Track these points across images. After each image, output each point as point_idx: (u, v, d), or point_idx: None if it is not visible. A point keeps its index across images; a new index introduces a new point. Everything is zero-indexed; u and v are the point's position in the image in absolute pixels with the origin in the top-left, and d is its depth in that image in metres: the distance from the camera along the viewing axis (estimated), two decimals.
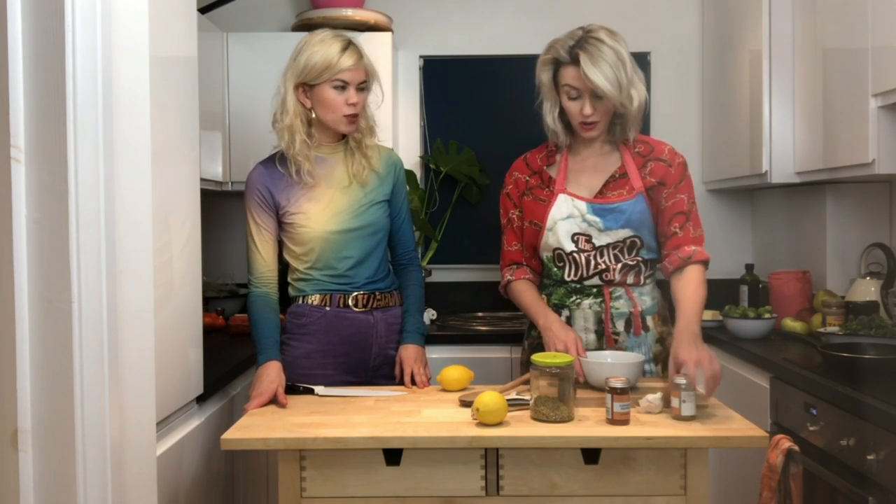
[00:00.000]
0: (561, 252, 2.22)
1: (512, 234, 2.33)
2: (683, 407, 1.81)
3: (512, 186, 2.34)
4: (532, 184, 2.30)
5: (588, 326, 2.21)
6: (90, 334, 1.43)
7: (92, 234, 1.44)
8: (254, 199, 2.22)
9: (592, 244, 2.19)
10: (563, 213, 2.21)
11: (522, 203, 2.30)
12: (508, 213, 2.34)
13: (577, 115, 2.20)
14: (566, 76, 2.21)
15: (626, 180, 2.22)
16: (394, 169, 2.32)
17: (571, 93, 2.19)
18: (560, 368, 1.80)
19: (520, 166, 2.36)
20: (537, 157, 2.35)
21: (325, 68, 2.12)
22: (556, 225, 2.21)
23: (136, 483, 1.60)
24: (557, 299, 2.25)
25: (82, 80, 1.41)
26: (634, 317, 2.22)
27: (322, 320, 2.22)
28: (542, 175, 2.30)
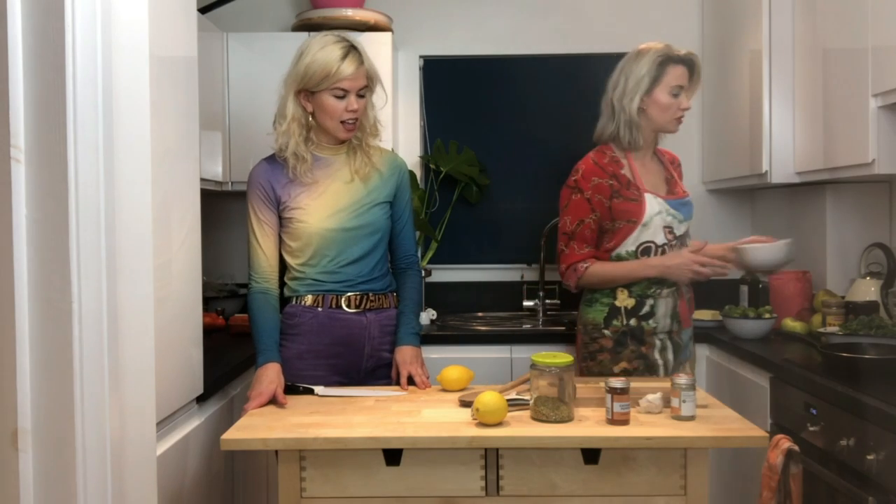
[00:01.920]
0: (650, 245, 2.42)
1: (584, 237, 2.43)
2: (683, 407, 1.81)
3: (592, 192, 2.42)
4: (616, 186, 2.42)
5: (667, 312, 2.45)
6: (90, 334, 1.43)
7: (92, 234, 1.43)
8: (256, 194, 2.22)
9: (674, 234, 2.46)
10: (655, 209, 2.42)
11: (611, 206, 2.41)
12: (584, 217, 2.43)
13: (676, 111, 2.44)
14: (674, 74, 2.42)
15: (675, 181, 2.55)
16: (398, 171, 2.32)
17: (676, 90, 2.43)
18: (560, 368, 1.80)
19: (596, 171, 2.45)
20: (605, 162, 2.46)
21: (325, 77, 2.13)
22: (652, 220, 2.41)
23: (136, 483, 1.60)
24: (640, 291, 2.43)
25: (82, 80, 1.41)
26: (692, 300, 2.55)
27: (314, 321, 2.22)
28: (619, 178, 2.44)
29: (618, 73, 2.49)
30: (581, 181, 2.44)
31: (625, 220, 2.41)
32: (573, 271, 2.45)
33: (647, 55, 2.44)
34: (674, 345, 2.47)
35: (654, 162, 2.56)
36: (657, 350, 2.44)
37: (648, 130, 2.48)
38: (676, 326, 2.47)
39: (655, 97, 2.43)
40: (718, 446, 1.73)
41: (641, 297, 2.43)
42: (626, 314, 2.44)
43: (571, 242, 2.45)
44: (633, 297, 2.44)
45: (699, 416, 1.83)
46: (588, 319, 2.50)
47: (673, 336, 2.47)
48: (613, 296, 2.45)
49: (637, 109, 2.43)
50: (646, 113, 2.44)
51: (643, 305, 2.43)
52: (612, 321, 2.45)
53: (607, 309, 2.46)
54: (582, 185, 2.44)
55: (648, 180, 2.48)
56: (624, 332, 2.43)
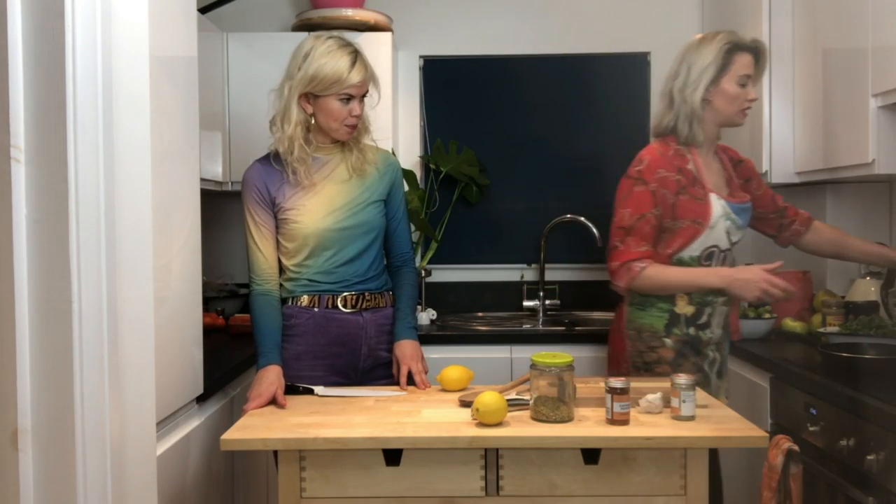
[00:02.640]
0: (714, 250, 2.29)
1: (644, 233, 2.25)
2: (683, 407, 1.81)
3: (657, 185, 2.26)
4: (683, 182, 2.26)
5: (720, 322, 2.34)
6: (90, 334, 1.43)
7: (92, 234, 1.44)
8: (251, 197, 2.22)
9: (731, 240, 2.33)
10: (720, 212, 2.28)
11: (677, 202, 2.25)
12: (646, 212, 2.25)
13: (742, 102, 2.28)
14: (742, 63, 2.27)
15: (735, 183, 2.40)
16: (391, 169, 2.33)
17: (744, 80, 2.27)
18: (560, 368, 1.80)
19: (663, 163, 2.28)
20: (671, 154, 2.30)
21: (334, 82, 2.13)
22: (718, 223, 2.27)
23: (136, 483, 1.60)
24: (700, 298, 2.29)
25: (82, 80, 1.41)
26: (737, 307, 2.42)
27: (310, 321, 2.22)
28: (684, 173, 2.28)
29: (678, 63, 2.33)
30: (646, 172, 2.27)
31: (689, 220, 2.25)
32: (626, 270, 2.26)
33: (713, 42, 2.27)
34: (720, 357, 2.36)
35: (715, 160, 2.40)
36: (707, 362, 2.33)
37: (712, 124, 2.33)
38: (726, 338, 2.37)
39: (722, 87, 2.27)
40: (718, 446, 1.73)
41: (701, 304, 2.29)
42: (686, 322, 2.29)
43: (628, 238, 2.26)
44: (693, 304, 2.29)
45: (699, 416, 1.83)
46: (643, 325, 2.32)
47: (721, 349, 2.36)
48: (672, 301, 2.29)
49: (701, 101, 2.28)
50: (711, 105, 2.29)
51: (702, 314, 2.29)
52: (673, 329, 2.29)
53: (667, 316, 2.30)
54: (646, 177, 2.26)
55: (711, 179, 2.32)
56: (685, 341, 2.29)
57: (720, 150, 2.44)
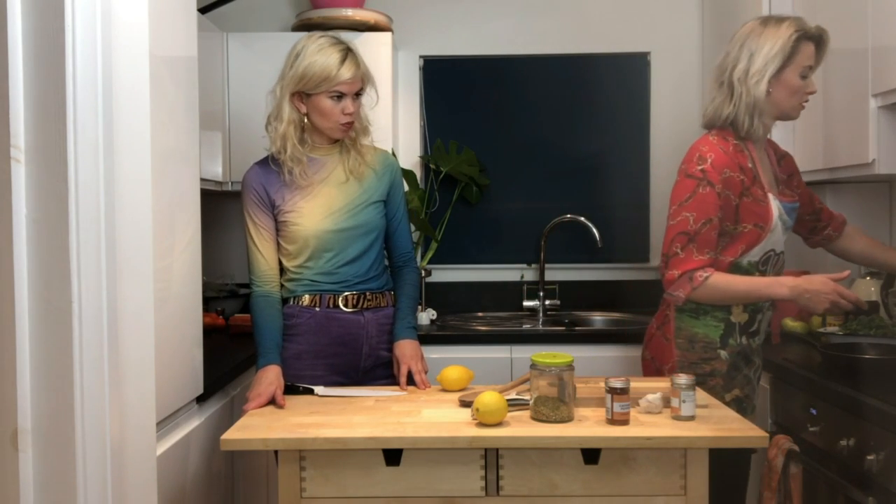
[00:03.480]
0: (771, 254, 2.17)
1: (708, 240, 2.08)
2: (683, 407, 1.81)
3: (722, 186, 2.08)
4: (747, 183, 2.10)
5: (764, 328, 2.26)
6: (90, 334, 1.43)
7: (92, 234, 1.44)
8: (250, 199, 2.22)
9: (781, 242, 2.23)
10: (777, 213, 2.15)
11: (740, 204, 2.09)
12: (711, 217, 2.07)
13: (802, 95, 2.14)
14: (807, 53, 2.13)
15: (784, 182, 2.29)
16: (390, 170, 2.33)
17: (806, 71, 2.13)
18: (560, 368, 1.80)
19: (727, 162, 2.10)
20: (731, 150, 2.13)
21: (324, 80, 2.13)
22: (776, 226, 2.15)
23: (136, 483, 1.60)
24: (753, 305, 2.18)
25: (82, 80, 1.41)
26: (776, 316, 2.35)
27: (311, 321, 2.22)
28: (746, 172, 2.11)
29: (737, 48, 2.16)
30: (711, 172, 2.07)
31: (751, 224, 2.10)
32: (688, 280, 2.08)
33: (781, 29, 2.11)
34: (761, 363, 2.28)
35: (765, 156, 2.24)
36: (753, 370, 2.23)
37: (769, 117, 2.16)
38: (767, 343, 2.29)
39: (785, 78, 2.11)
40: (718, 446, 1.73)
41: (753, 311, 2.19)
42: (740, 331, 2.17)
43: (690, 245, 2.07)
44: (747, 311, 2.17)
45: (699, 416, 1.82)
46: (697, 334, 2.17)
47: (761, 354, 2.28)
48: (728, 309, 2.16)
49: (765, 92, 2.10)
50: (770, 96, 2.12)
51: (754, 321, 2.18)
52: (729, 340, 2.15)
53: (723, 325, 2.15)
54: (712, 177, 2.06)
55: (766, 178, 2.18)
56: (739, 352, 2.17)
57: (767, 144, 2.30)
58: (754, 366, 2.26)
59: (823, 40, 2.18)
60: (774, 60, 2.10)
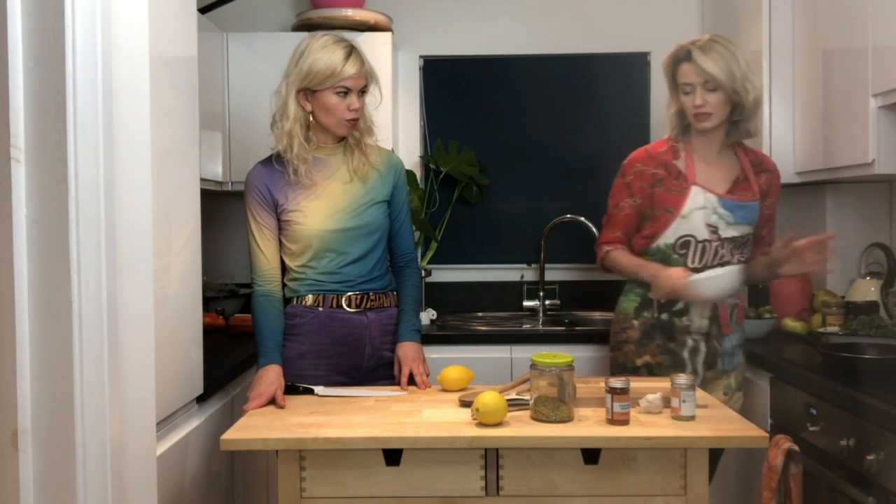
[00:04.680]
0: (690, 239, 2.37)
1: (617, 221, 2.47)
2: (683, 407, 1.81)
3: (633, 177, 2.45)
4: (660, 175, 2.42)
5: (704, 312, 2.39)
6: (90, 334, 1.43)
7: (92, 234, 1.44)
8: (253, 198, 2.22)
9: (718, 235, 2.38)
10: (699, 203, 2.37)
11: (653, 193, 2.41)
12: (620, 202, 2.47)
13: (690, 108, 2.38)
14: (682, 73, 2.40)
15: (748, 184, 2.45)
16: (394, 170, 2.33)
17: (686, 88, 2.39)
18: (560, 368, 1.80)
19: (643, 158, 2.46)
20: (660, 151, 2.47)
21: (329, 76, 2.13)
22: (692, 213, 2.37)
23: (136, 483, 1.60)
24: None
25: (82, 80, 1.41)
26: (739, 308, 2.48)
27: (315, 321, 2.22)
28: (668, 167, 2.42)
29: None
30: (626, 166, 2.49)
31: (662, 209, 2.39)
32: (598, 251, 2.53)
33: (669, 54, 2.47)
34: (709, 349, 2.40)
35: (723, 158, 2.46)
36: (687, 349, 2.40)
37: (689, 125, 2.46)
38: (716, 330, 2.40)
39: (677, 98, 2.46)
40: (718, 446, 1.73)
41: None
42: (658, 307, 2.41)
43: (607, 225, 2.51)
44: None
45: (699, 416, 1.83)
46: (620, 309, 2.51)
47: (711, 340, 2.41)
48: (647, 287, 2.41)
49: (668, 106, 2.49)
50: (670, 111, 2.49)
51: (676, 301, 2.38)
52: (643, 312, 2.44)
53: (639, 299, 2.45)
54: (626, 170, 2.48)
55: (705, 176, 2.42)
56: (653, 324, 2.41)
57: (740, 151, 2.49)
58: (687, 346, 2.40)
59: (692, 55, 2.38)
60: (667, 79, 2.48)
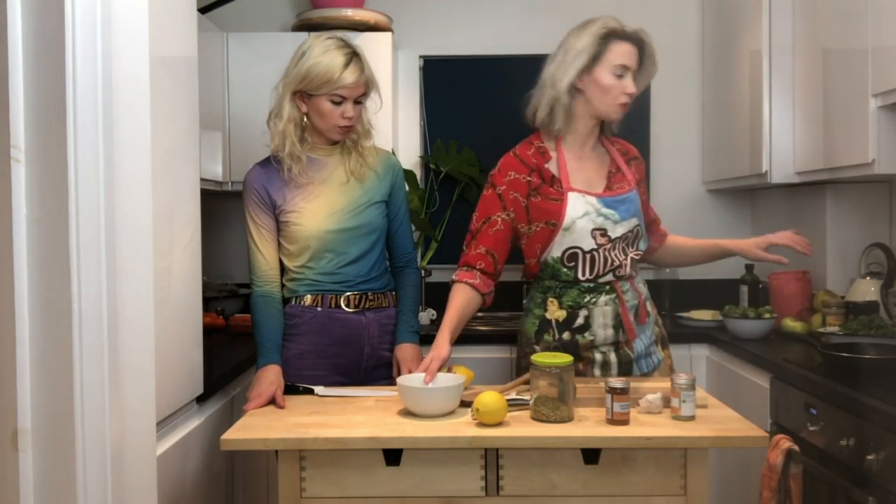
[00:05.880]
0: (577, 251, 2.17)
1: (486, 237, 2.20)
2: (683, 407, 1.81)
3: (506, 187, 2.20)
4: (535, 183, 2.19)
5: (607, 323, 2.20)
6: (90, 334, 1.43)
7: (92, 234, 1.44)
8: (251, 199, 2.22)
9: (608, 237, 2.18)
10: (580, 211, 2.16)
11: (529, 204, 2.18)
12: (492, 215, 2.21)
13: (618, 95, 2.13)
14: (618, 52, 2.13)
15: (622, 175, 2.27)
16: (392, 170, 2.33)
17: (618, 70, 2.13)
18: (560, 368, 1.80)
19: (515, 164, 2.22)
20: (529, 154, 2.23)
21: (326, 83, 2.12)
22: (574, 224, 2.15)
23: (136, 483, 1.60)
24: (571, 300, 2.21)
25: (82, 80, 1.41)
26: (641, 306, 2.26)
27: (313, 321, 2.22)
28: (542, 173, 2.19)
29: (555, 50, 2.22)
30: (496, 175, 2.21)
31: (542, 222, 2.17)
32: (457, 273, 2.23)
33: (591, 27, 2.16)
34: (619, 358, 2.22)
35: (595, 153, 2.27)
36: (597, 366, 2.21)
37: (586, 116, 2.20)
38: (623, 337, 2.22)
39: (595, 77, 2.14)
40: (718, 446, 1.73)
41: (574, 307, 2.20)
42: (558, 327, 2.21)
43: (472, 242, 2.22)
44: (564, 308, 2.20)
45: (699, 416, 1.83)
46: (523, 331, 2.31)
47: (621, 348, 2.22)
48: (544, 307, 2.23)
49: (569, 89, 2.14)
50: (585, 94, 2.16)
51: (576, 317, 2.19)
52: (544, 335, 2.23)
53: (538, 322, 2.24)
54: (496, 180, 2.21)
55: (580, 176, 2.20)
56: (555, 347, 2.19)
57: (606, 142, 2.31)
58: (595, 361, 2.21)
59: (644, 41, 2.18)
60: (579, 57, 2.13)
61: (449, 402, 1.86)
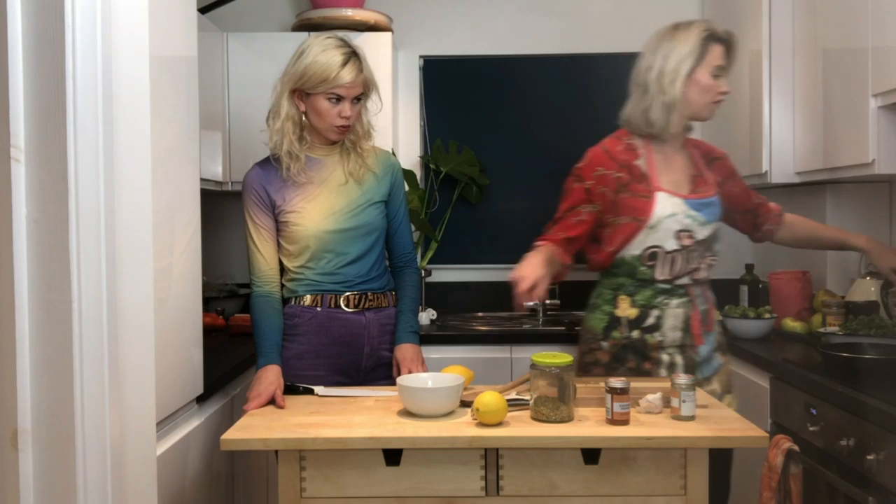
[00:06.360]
0: (657, 250, 2.19)
1: (568, 225, 2.24)
2: (683, 407, 1.81)
3: (594, 182, 2.22)
4: (624, 179, 2.21)
5: (677, 325, 2.22)
6: (90, 334, 1.43)
7: (92, 234, 1.44)
8: (251, 199, 2.22)
9: (694, 239, 2.21)
10: (668, 211, 2.19)
11: (617, 199, 2.20)
12: (577, 206, 2.23)
13: (714, 94, 2.22)
14: (716, 53, 2.22)
15: (703, 179, 2.30)
16: (391, 170, 2.32)
17: (717, 71, 2.22)
18: (560, 368, 1.80)
19: (603, 160, 2.24)
20: (618, 150, 2.26)
21: (323, 81, 2.12)
22: (661, 223, 2.19)
23: (136, 483, 1.60)
24: (644, 300, 2.22)
25: (82, 80, 1.41)
26: (710, 312, 2.30)
27: (313, 321, 2.22)
28: (631, 169, 2.22)
29: (651, 53, 2.27)
30: (584, 169, 2.25)
31: (629, 217, 2.19)
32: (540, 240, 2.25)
33: (691, 30, 2.23)
34: (685, 361, 2.24)
35: (681, 155, 2.31)
36: (663, 366, 2.22)
37: (683, 116, 2.24)
38: (689, 341, 2.24)
39: (696, 78, 2.20)
40: (718, 446, 1.73)
41: (646, 306, 2.22)
42: (628, 325, 2.22)
43: (553, 227, 2.26)
44: (637, 306, 2.22)
45: (699, 416, 1.82)
46: (588, 327, 2.32)
47: (686, 351, 2.24)
48: (615, 304, 2.24)
49: (680, 91, 2.20)
50: (684, 96, 2.21)
51: (647, 316, 2.21)
52: (612, 332, 2.24)
53: (607, 318, 2.25)
54: (584, 174, 2.24)
55: (668, 177, 2.24)
56: (624, 345, 2.22)
57: (690, 145, 2.36)
58: (662, 363, 2.23)
59: (733, 43, 2.27)
60: (686, 61, 2.20)
61: (449, 402, 1.86)
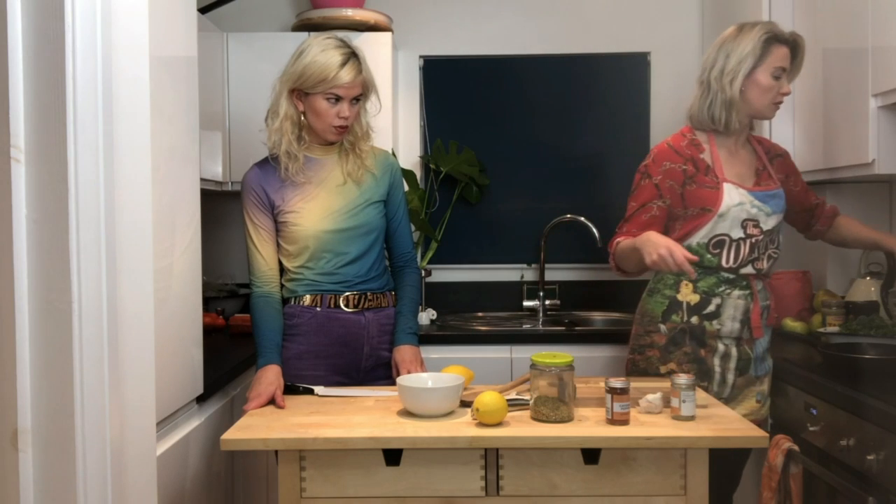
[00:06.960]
0: (724, 238, 2.27)
1: (639, 221, 2.29)
2: (683, 407, 1.81)
3: (662, 177, 2.30)
4: (690, 171, 2.29)
5: (736, 315, 2.28)
6: (90, 334, 1.43)
7: (92, 234, 1.44)
8: (250, 200, 2.22)
9: (760, 228, 2.29)
10: (735, 200, 2.27)
11: (685, 192, 2.28)
12: (647, 202, 2.30)
13: (775, 95, 2.29)
14: (778, 55, 2.28)
15: (768, 173, 2.39)
16: (390, 170, 2.32)
17: (778, 72, 2.28)
18: (560, 368, 1.80)
19: (670, 155, 2.32)
20: (683, 145, 2.34)
21: (321, 81, 2.13)
22: (729, 211, 2.26)
23: (136, 483, 1.60)
24: (707, 287, 2.29)
25: (82, 80, 1.41)
26: (771, 308, 2.38)
27: (313, 321, 2.22)
28: (696, 162, 2.31)
29: (716, 51, 2.33)
30: (651, 165, 2.33)
31: (698, 208, 2.27)
32: (610, 249, 2.34)
33: (754, 31, 2.29)
34: (740, 354, 2.29)
35: (744, 149, 2.39)
36: (717, 355, 2.27)
37: (743, 115, 2.32)
38: (747, 334, 2.29)
39: (756, 78, 2.28)
40: (718, 446, 1.73)
41: (708, 293, 2.28)
42: (688, 310, 2.28)
43: (624, 226, 2.34)
44: (699, 292, 2.28)
45: (699, 416, 1.83)
46: (646, 310, 2.36)
47: (742, 344, 2.29)
48: (676, 288, 2.30)
49: (739, 90, 2.27)
50: (744, 95, 2.29)
51: (708, 303, 2.27)
52: (671, 316, 2.30)
53: (667, 302, 2.31)
54: (651, 169, 2.32)
55: (733, 169, 2.32)
56: (682, 329, 2.28)
57: (754, 140, 2.45)
58: (717, 351, 2.28)
59: (798, 44, 2.33)
60: (747, 60, 2.27)
61: (449, 402, 1.86)
